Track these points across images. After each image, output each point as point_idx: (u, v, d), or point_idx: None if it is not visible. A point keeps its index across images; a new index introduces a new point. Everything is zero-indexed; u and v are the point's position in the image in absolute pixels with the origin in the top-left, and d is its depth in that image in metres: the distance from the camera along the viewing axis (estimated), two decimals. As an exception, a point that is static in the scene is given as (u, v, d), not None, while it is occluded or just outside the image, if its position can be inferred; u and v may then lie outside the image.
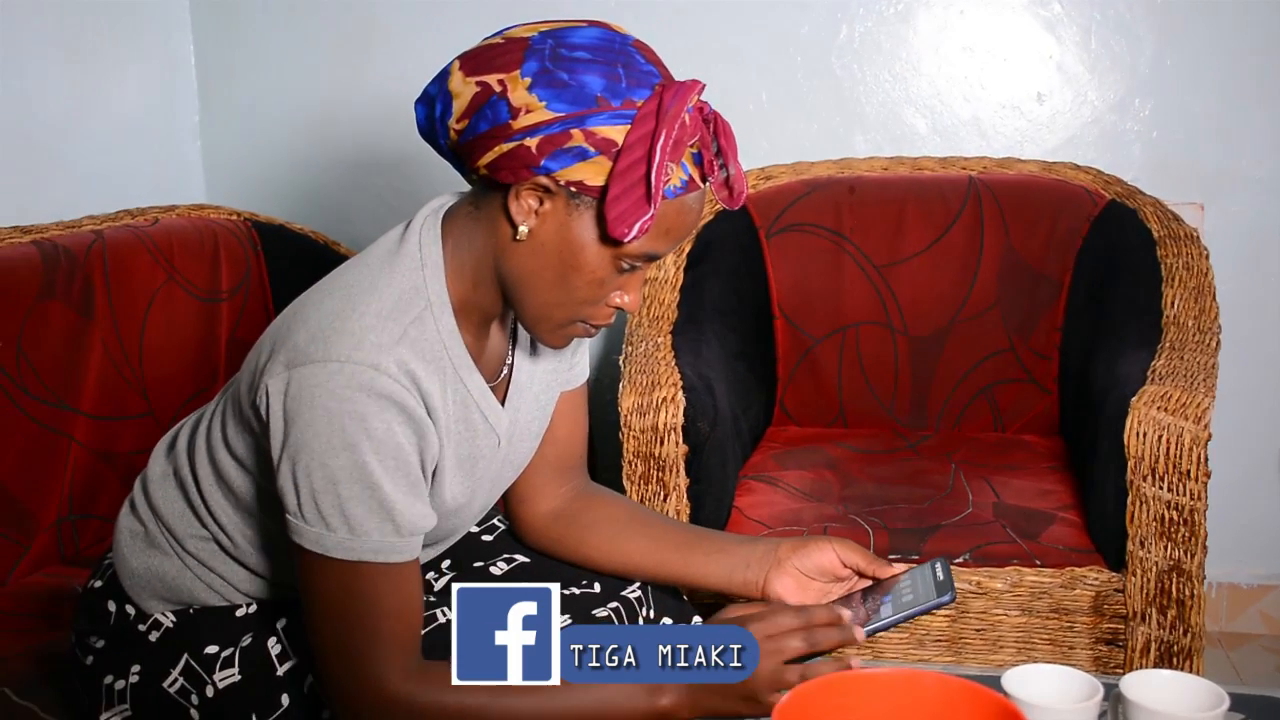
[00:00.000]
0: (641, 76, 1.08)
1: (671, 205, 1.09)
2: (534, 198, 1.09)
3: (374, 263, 1.16)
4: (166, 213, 2.05)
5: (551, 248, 1.10)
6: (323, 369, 1.06)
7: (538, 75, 1.06)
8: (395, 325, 1.10)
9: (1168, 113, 2.32)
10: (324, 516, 1.08)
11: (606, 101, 1.06)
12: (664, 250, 1.12)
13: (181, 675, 1.24)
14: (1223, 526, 2.06)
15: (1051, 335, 2.19)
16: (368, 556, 1.09)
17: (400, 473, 1.09)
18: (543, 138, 1.06)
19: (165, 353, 1.93)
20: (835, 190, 2.27)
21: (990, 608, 1.78)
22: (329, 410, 1.06)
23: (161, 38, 2.46)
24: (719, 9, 2.38)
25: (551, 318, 1.14)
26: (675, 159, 1.07)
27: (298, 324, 1.12)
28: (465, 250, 1.15)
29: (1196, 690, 1.17)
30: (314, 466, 1.07)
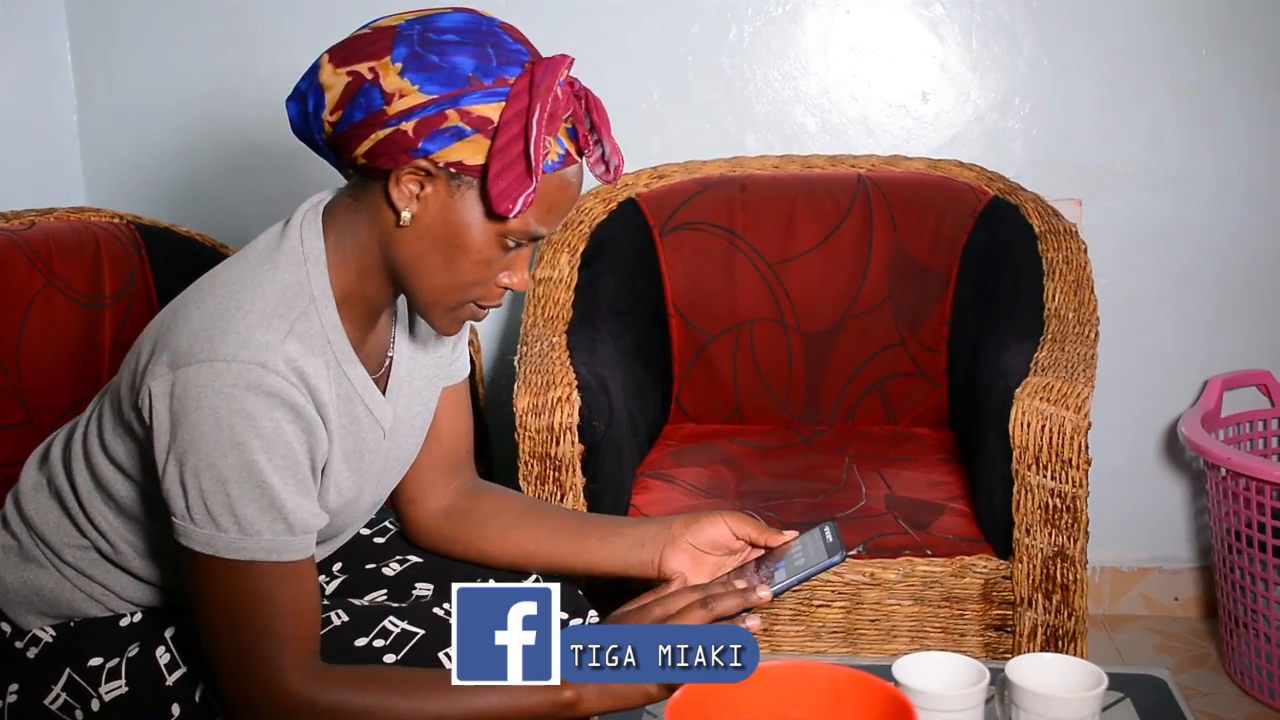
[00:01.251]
0: (511, 55, 1.10)
1: (551, 180, 1.10)
2: (414, 182, 1.10)
3: (255, 259, 1.14)
4: (44, 216, 1.99)
5: (436, 230, 1.11)
6: (209, 368, 1.05)
7: (408, 60, 1.08)
8: (281, 322, 1.10)
9: (1047, 112, 2.38)
10: (214, 517, 1.07)
11: (479, 80, 1.07)
12: (548, 227, 1.13)
13: (64, 691, 1.21)
14: (1104, 512, 2.13)
15: (940, 329, 2.24)
16: (260, 556, 1.08)
17: (290, 471, 1.09)
18: (418, 120, 1.07)
19: (44, 360, 1.87)
20: (727, 189, 2.29)
21: (884, 598, 1.81)
22: (216, 410, 1.05)
23: (36, 35, 2.38)
24: (609, 8, 2.38)
25: (442, 302, 1.15)
26: (551, 133, 1.08)
27: (179, 324, 1.10)
28: (348, 242, 1.15)
29: (1078, 672, 1.21)
30: (202, 467, 1.06)
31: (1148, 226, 2.40)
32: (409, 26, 1.10)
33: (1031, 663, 1.22)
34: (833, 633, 1.84)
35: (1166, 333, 2.43)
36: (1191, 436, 2.20)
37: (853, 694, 1.09)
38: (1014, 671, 1.20)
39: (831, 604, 1.82)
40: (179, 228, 2.18)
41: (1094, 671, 1.20)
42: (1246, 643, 2.19)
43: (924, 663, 1.21)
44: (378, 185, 1.12)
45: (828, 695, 1.10)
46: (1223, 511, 2.20)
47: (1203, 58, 2.33)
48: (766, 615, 1.83)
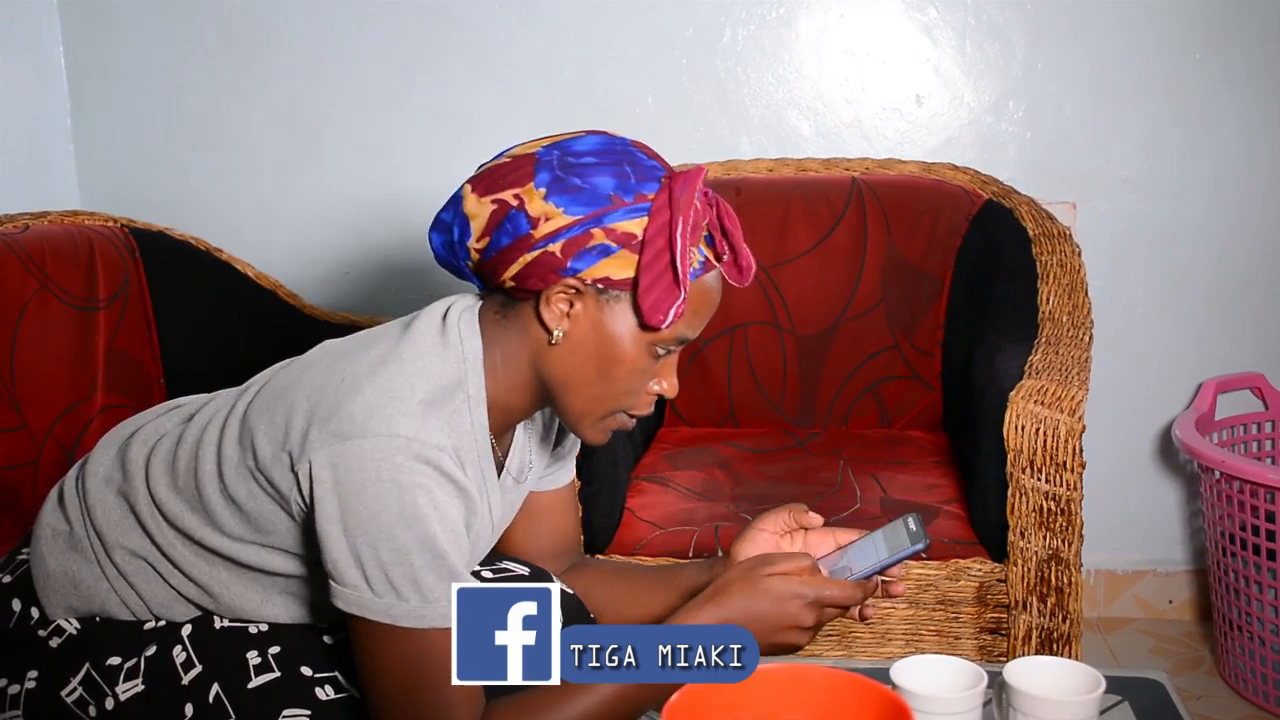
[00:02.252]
0: (647, 171, 1.15)
1: (695, 287, 1.15)
2: (564, 300, 1.14)
3: (420, 344, 1.17)
4: (38, 219, 1.99)
5: (589, 345, 1.15)
6: (389, 443, 1.08)
7: (551, 184, 1.13)
8: (444, 411, 1.14)
9: (1040, 115, 2.38)
10: (395, 588, 1.09)
11: (620, 198, 1.13)
12: (694, 332, 1.17)
13: (81, 685, 1.21)
14: (1099, 515, 2.13)
15: (934, 332, 2.24)
16: (439, 623, 1.10)
17: (457, 543, 1.12)
18: (566, 241, 1.12)
19: (38, 364, 1.87)
20: (722, 192, 2.27)
21: (878, 601, 1.81)
22: (398, 483, 1.08)
23: (29, 38, 2.38)
24: (604, 11, 2.38)
25: (594, 412, 1.19)
26: (694, 243, 1.13)
27: (348, 394, 1.11)
28: (498, 354, 1.19)
29: (1075, 674, 1.21)
30: (381, 539, 1.08)
31: (1142, 230, 2.40)
32: (547, 153, 1.14)
33: (1029, 666, 1.22)
34: (827, 635, 1.84)
35: (1160, 336, 2.44)
36: (1185, 439, 2.20)
37: (850, 697, 1.09)
38: (1012, 674, 1.20)
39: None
40: (173, 231, 2.18)
41: (1092, 674, 1.20)
42: (1240, 645, 2.20)
43: (922, 666, 1.21)
44: (527, 305, 1.16)
45: (824, 698, 1.09)
46: (1217, 514, 2.20)
47: (1196, 61, 2.34)
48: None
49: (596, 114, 2.40)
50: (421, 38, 2.40)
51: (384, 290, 2.49)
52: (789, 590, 1.17)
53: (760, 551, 1.30)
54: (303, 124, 2.46)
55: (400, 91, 2.43)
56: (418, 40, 2.41)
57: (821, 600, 1.18)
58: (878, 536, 1.26)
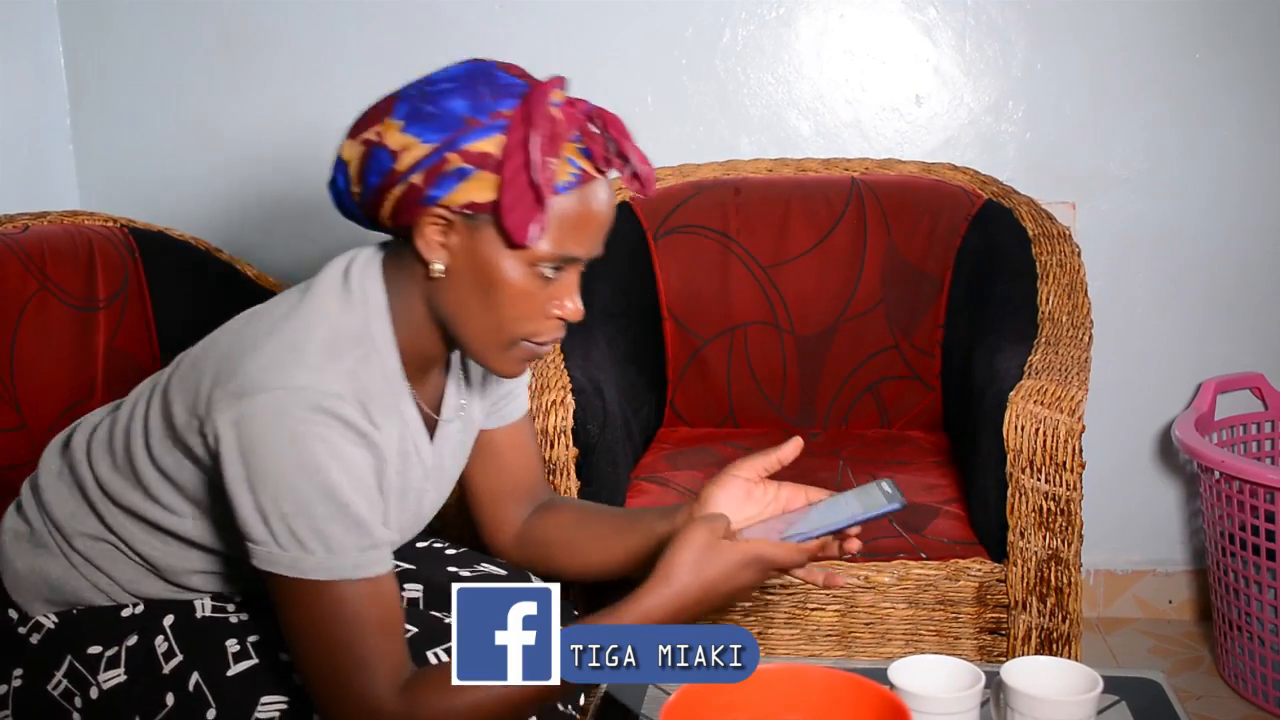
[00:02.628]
0: (504, 89, 1.12)
1: (569, 200, 1.12)
2: (437, 231, 1.13)
3: (321, 298, 1.17)
4: (38, 219, 1.99)
5: (469, 274, 1.13)
6: (285, 395, 1.08)
7: (408, 115, 1.11)
8: (345, 359, 1.13)
9: (1040, 115, 2.38)
10: (300, 540, 1.08)
11: (473, 119, 1.10)
12: (582, 249, 1.14)
13: (65, 677, 1.22)
14: (1098, 515, 2.13)
15: (934, 332, 2.24)
16: (347, 574, 1.09)
17: (363, 491, 1.11)
18: (424, 170, 1.10)
19: (38, 364, 1.87)
20: (721, 192, 2.29)
21: (878, 601, 1.81)
22: (295, 434, 1.07)
23: (28, 38, 2.38)
24: (603, 12, 2.38)
25: (493, 343, 1.17)
26: (553, 153, 1.10)
27: (249, 354, 1.12)
28: (400, 296, 1.18)
29: (1073, 675, 1.21)
30: (282, 492, 1.07)
31: (1141, 230, 2.40)
32: (411, 87, 1.14)
33: (1027, 666, 1.22)
34: (827, 636, 1.84)
35: (1160, 336, 2.44)
36: (1185, 439, 2.20)
37: (848, 697, 1.09)
38: (1009, 674, 1.20)
39: (826, 607, 1.82)
40: (173, 231, 2.17)
41: (1089, 674, 1.20)
42: (1240, 645, 2.20)
43: (920, 666, 1.21)
44: (410, 243, 1.15)
45: (823, 698, 1.10)
46: (1216, 514, 2.20)
47: (1196, 61, 2.34)
48: (761, 618, 1.83)
49: (596, 114, 2.40)
50: (421, 38, 2.40)
51: (384, 290, 2.49)
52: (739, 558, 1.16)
53: (730, 496, 1.28)
54: (303, 124, 2.46)
55: (400, 91, 2.43)
56: (418, 40, 2.41)
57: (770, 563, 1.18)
58: (849, 496, 1.24)
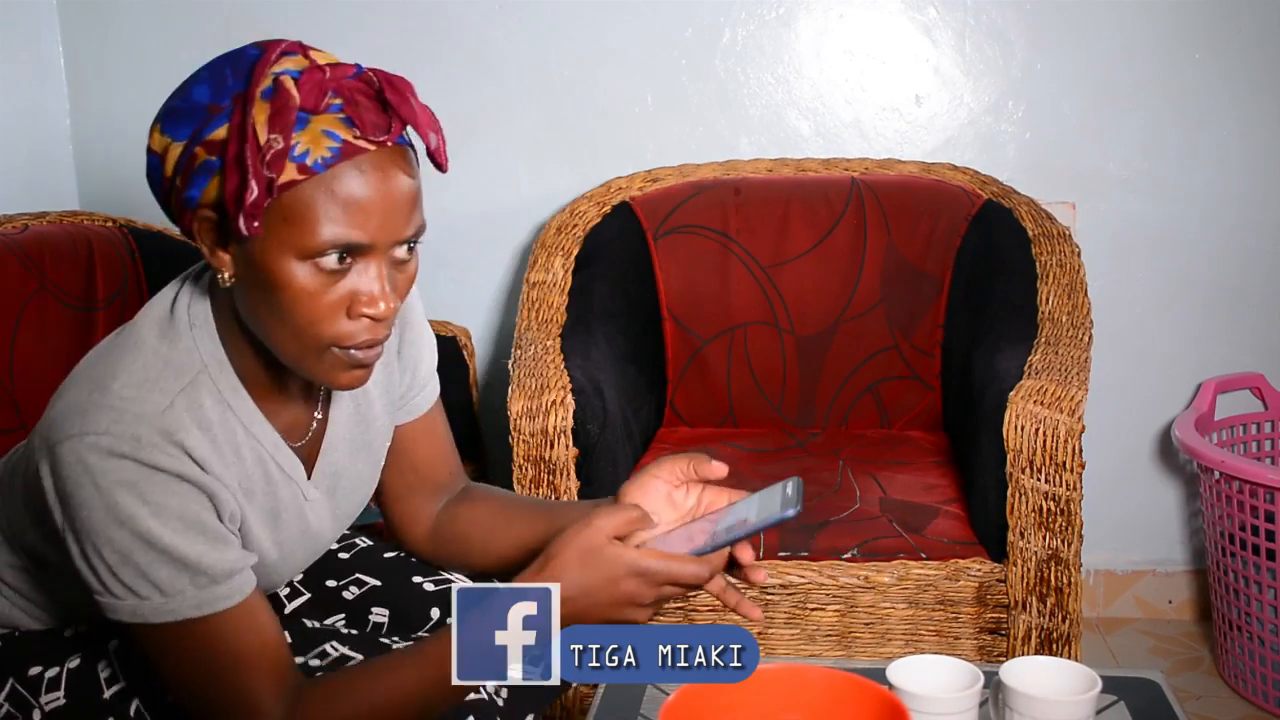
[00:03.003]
0: (248, 68, 0.99)
1: (330, 178, 0.96)
2: (209, 237, 1.02)
3: (142, 330, 1.08)
4: (37, 219, 1.99)
5: (250, 280, 1.01)
6: (80, 442, 1.00)
7: (164, 115, 1.02)
8: (160, 395, 1.03)
9: (1040, 115, 2.38)
10: (130, 587, 1.02)
11: (216, 105, 0.99)
12: (365, 233, 0.98)
13: (7, 700, 1.19)
14: (1098, 515, 2.13)
15: (934, 332, 2.24)
16: (190, 613, 1.03)
17: (193, 531, 1.03)
18: (182, 171, 1.01)
19: (37, 364, 1.87)
20: (721, 192, 2.29)
21: (878, 601, 1.81)
22: (97, 485, 0.99)
23: (28, 37, 2.38)
24: (602, 11, 2.38)
25: (301, 353, 1.03)
26: (281, 129, 0.95)
27: (58, 398, 1.05)
28: (222, 314, 1.09)
29: (1072, 675, 1.21)
30: (101, 543, 1.01)
31: (1141, 230, 2.40)
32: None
33: (1025, 666, 1.22)
34: (827, 636, 1.84)
35: (1160, 336, 2.44)
36: (1185, 439, 2.20)
37: (847, 697, 1.09)
38: (1008, 674, 1.20)
39: (826, 607, 1.82)
40: (172, 231, 2.17)
41: (1088, 674, 1.20)
42: (1240, 645, 2.20)
43: (918, 666, 1.21)
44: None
45: (822, 698, 1.10)
46: (1216, 515, 2.20)
47: (1195, 61, 2.34)
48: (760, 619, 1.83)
49: (596, 114, 2.40)
50: (421, 38, 2.40)
51: (383, 290, 2.49)
52: (624, 566, 1.05)
53: (649, 498, 1.15)
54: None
55: (400, 92, 2.43)
56: (417, 40, 2.41)
57: (660, 577, 1.06)
58: (753, 500, 1.14)
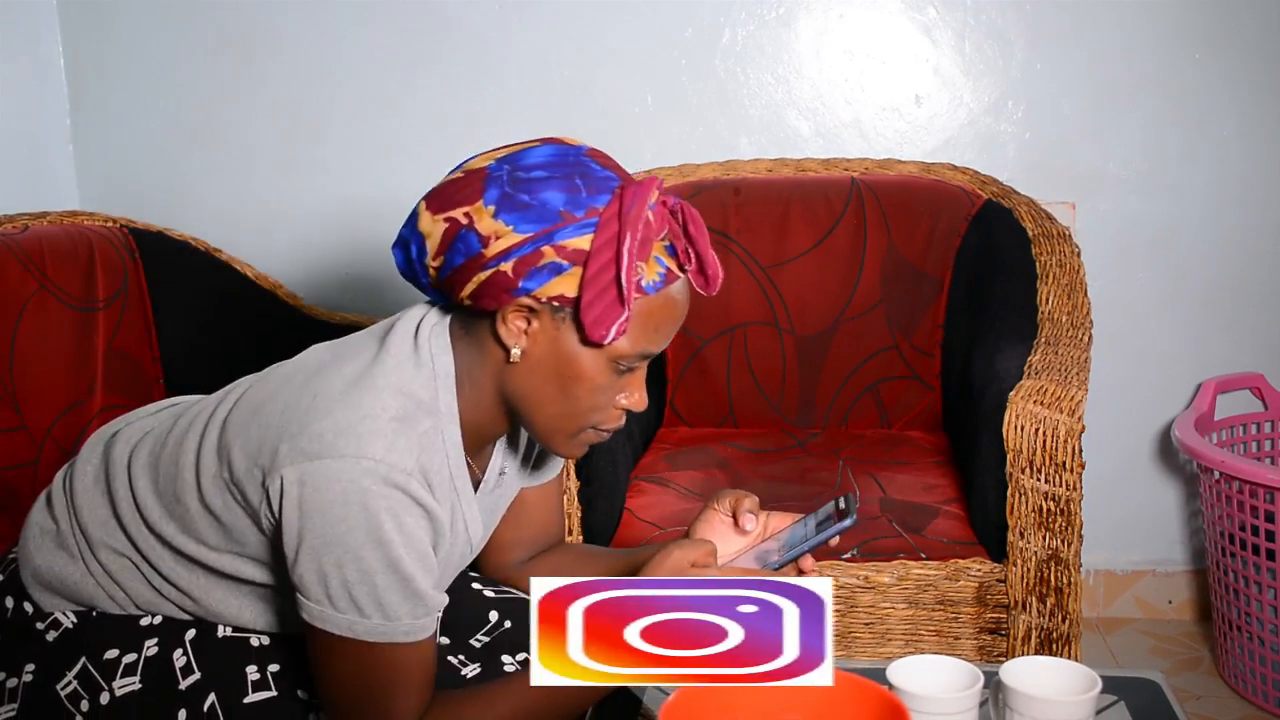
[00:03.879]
0: (600, 183, 1.11)
1: (655, 301, 1.12)
2: (520, 319, 1.12)
3: (393, 362, 1.16)
4: (37, 219, 1.99)
5: (548, 364, 1.13)
6: (356, 464, 1.08)
7: (500, 201, 1.10)
8: (415, 432, 1.12)
9: (1040, 115, 2.38)
10: (358, 605, 1.10)
11: (570, 214, 1.09)
12: (657, 347, 1.14)
13: (76, 679, 1.21)
14: (1098, 515, 2.13)
15: (934, 332, 2.24)
16: (399, 639, 1.12)
17: (424, 563, 1.12)
18: (516, 260, 1.09)
19: (37, 364, 1.87)
20: (721, 192, 2.29)
21: (878, 601, 1.81)
22: (365, 506, 1.08)
23: (28, 38, 2.38)
24: (602, 11, 2.38)
25: (562, 429, 1.17)
26: (644, 257, 1.10)
27: (318, 412, 1.11)
28: (467, 374, 1.18)
29: (1072, 675, 1.21)
30: (346, 559, 1.08)
31: (1141, 230, 2.40)
32: (498, 167, 1.12)
33: (1025, 666, 1.22)
34: (827, 636, 1.84)
35: (1160, 336, 2.44)
36: (1185, 439, 2.20)
37: (846, 697, 1.09)
38: (1008, 675, 1.20)
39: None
40: (172, 231, 2.18)
41: (1088, 674, 1.20)
42: (1240, 645, 2.20)
43: (918, 666, 1.21)
44: (485, 323, 1.15)
45: (821, 698, 1.09)
46: (1216, 514, 2.20)
47: (1195, 61, 2.34)
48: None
49: (596, 114, 2.40)
50: (421, 38, 2.41)
51: (383, 291, 2.49)
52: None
53: (715, 530, 1.30)
54: (302, 124, 2.46)
55: (399, 92, 2.43)
56: (417, 41, 2.41)
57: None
58: (811, 519, 1.26)
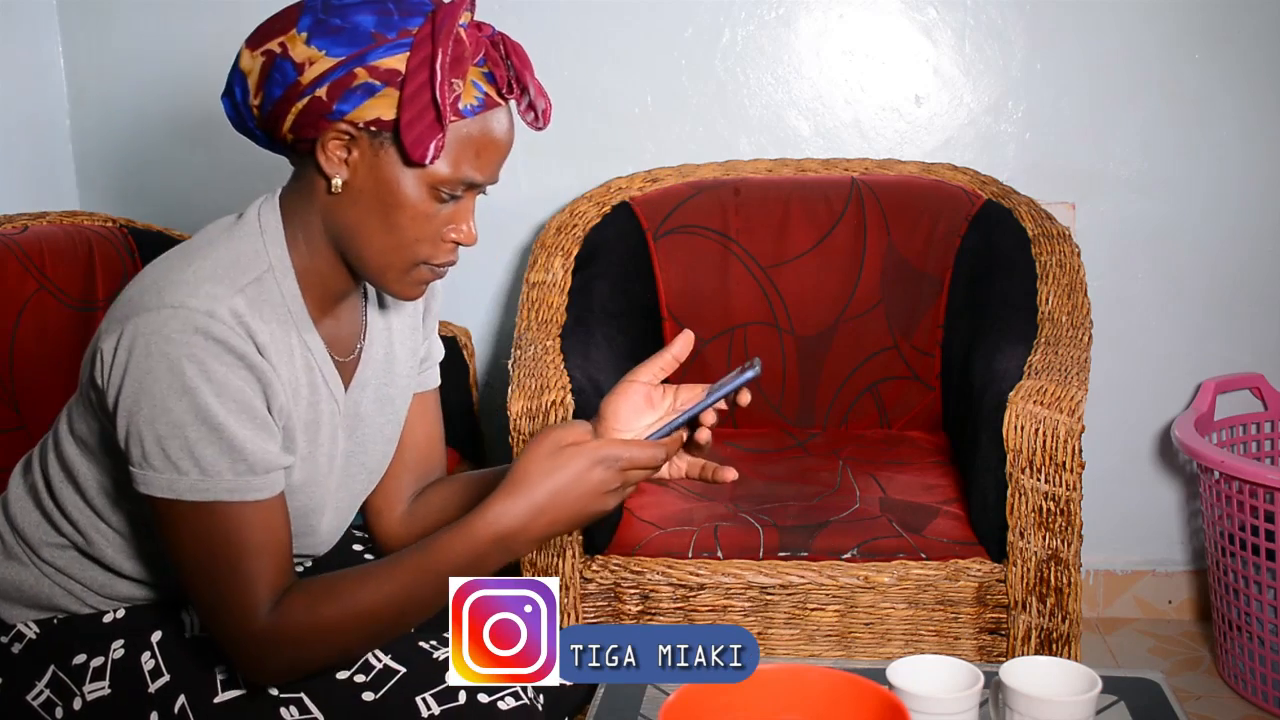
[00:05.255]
0: (412, 7, 1.11)
1: (473, 125, 1.11)
2: (340, 147, 1.12)
3: (211, 231, 1.18)
4: (37, 219, 1.99)
5: (369, 191, 1.12)
6: (157, 315, 1.07)
7: (313, 27, 1.10)
8: (230, 282, 1.11)
9: (1040, 115, 2.38)
10: (173, 461, 1.08)
11: (382, 35, 1.09)
12: (482, 175, 1.13)
13: (48, 687, 1.21)
14: (1098, 515, 2.13)
15: (934, 333, 2.24)
16: (223, 496, 1.09)
17: (245, 414, 1.10)
18: (330, 84, 1.09)
19: (37, 364, 1.87)
20: (721, 192, 2.29)
21: (878, 601, 1.81)
22: (166, 355, 1.07)
23: (28, 37, 2.38)
24: (602, 11, 2.38)
25: (392, 265, 1.15)
26: (459, 75, 1.09)
27: (132, 284, 1.13)
28: (297, 220, 1.18)
29: (1072, 675, 1.21)
30: (156, 413, 1.08)
31: (1141, 230, 2.40)
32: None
33: (1025, 666, 1.22)
34: (827, 636, 1.84)
35: (1160, 336, 2.44)
36: (1185, 440, 2.20)
37: (846, 697, 1.09)
38: (1008, 675, 1.20)
39: (826, 607, 1.82)
40: (172, 231, 2.18)
41: (1088, 674, 1.20)
42: (1240, 646, 2.20)
43: (918, 666, 1.21)
44: (310, 159, 1.14)
45: (822, 699, 1.10)
46: (1216, 515, 2.20)
47: (1195, 61, 2.34)
48: (761, 618, 1.83)
49: (596, 114, 2.40)
50: (421, 38, 2.40)
51: (383, 290, 2.49)
52: (588, 458, 1.12)
53: (629, 405, 1.23)
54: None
55: (399, 92, 2.43)
56: (417, 40, 2.40)
57: (622, 462, 1.12)
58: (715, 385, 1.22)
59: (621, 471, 1.13)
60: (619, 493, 1.14)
